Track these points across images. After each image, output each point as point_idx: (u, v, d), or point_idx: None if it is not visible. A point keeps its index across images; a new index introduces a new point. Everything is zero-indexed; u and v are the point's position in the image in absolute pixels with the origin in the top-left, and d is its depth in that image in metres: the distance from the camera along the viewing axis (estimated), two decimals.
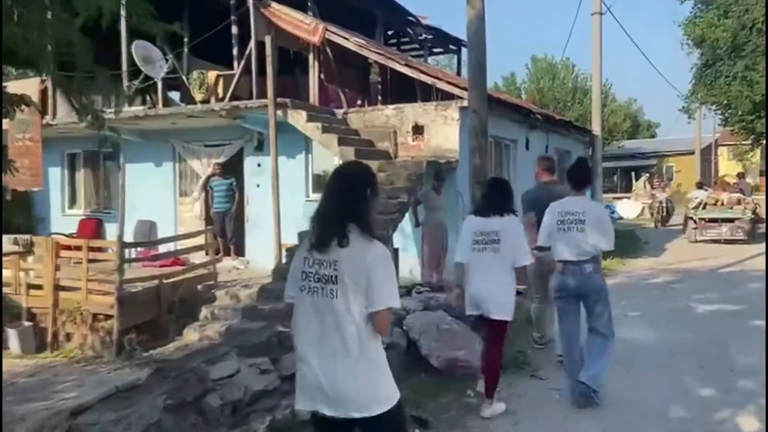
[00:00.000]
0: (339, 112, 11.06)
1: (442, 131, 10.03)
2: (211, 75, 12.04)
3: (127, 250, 12.45)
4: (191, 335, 9.32)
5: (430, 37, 16.78)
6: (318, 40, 11.11)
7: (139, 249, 12.26)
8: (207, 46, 12.86)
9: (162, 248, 12.00)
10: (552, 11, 52.37)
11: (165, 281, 9.59)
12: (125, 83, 11.38)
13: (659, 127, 54.42)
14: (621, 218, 25.17)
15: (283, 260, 8.73)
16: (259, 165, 11.71)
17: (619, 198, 31.01)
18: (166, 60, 11.86)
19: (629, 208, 27.24)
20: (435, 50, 18.36)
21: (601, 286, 4.90)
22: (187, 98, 12.34)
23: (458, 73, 18.39)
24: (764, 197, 17.71)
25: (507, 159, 12.38)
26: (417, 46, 17.50)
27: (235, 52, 12.07)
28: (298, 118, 10.02)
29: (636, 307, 8.30)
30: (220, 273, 11.13)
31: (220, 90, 11.73)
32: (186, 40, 13.51)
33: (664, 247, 15.60)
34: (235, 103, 10.56)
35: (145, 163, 12.98)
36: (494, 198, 4.78)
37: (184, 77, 13.10)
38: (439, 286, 7.67)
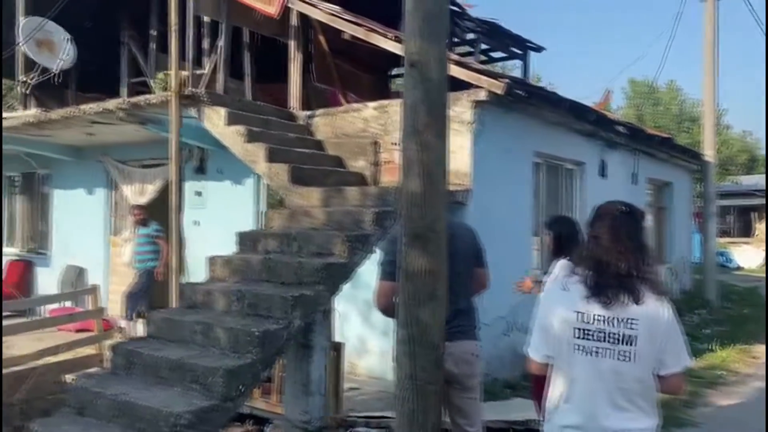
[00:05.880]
0: (301, 115, 7.38)
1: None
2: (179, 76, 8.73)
3: (39, 308, 9.43)
4: None
5: (481, 33, 12.76)
6: (276, 10, 7.55)
7: (50, 306, 9.06)
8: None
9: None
10: (649, 27, 45.97)
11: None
12: (20, 77, 8.28)
13: None
14: (739, 268, 20.12)
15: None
16: (198, 194, 8.22)
17: (735, 243, 25.43)
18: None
19: (749, 255, 22.17)
20: (491, 53, 14.23)
21: None
22: None
23: None
24: None
25: (569, 191, 8.17)
26: (470, 49, 13.58)
27: (205, 45, 8.72)
28: (215, 119, 6.41)
29: None
30: None
31: None
32: (154, 33, 10.49)
33: None
34: (133, 99, 7.12)
35: (77, 189, 9.84)
36: None
37: (149, 80, 10.00)
38: None
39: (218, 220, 7.98)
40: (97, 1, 9.73)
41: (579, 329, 2.26)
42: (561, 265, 4.25)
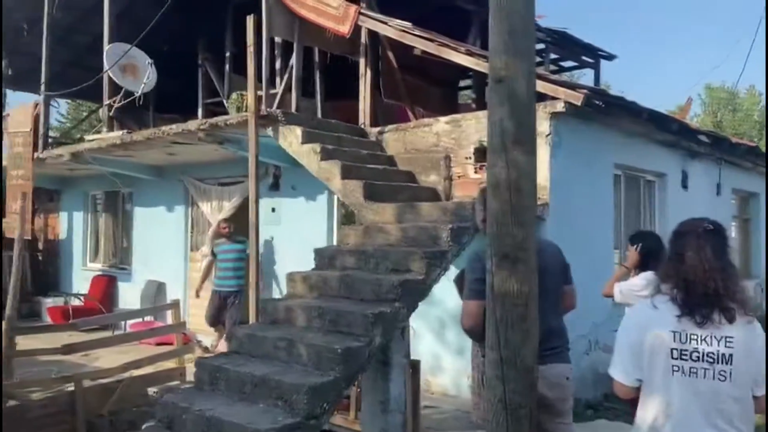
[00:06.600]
0: (372, 131, 7.43)
1: None
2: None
3: (123, 323, 9.78)
4: None
5: (551, 43, 12.53)
6: (348, 29, 7.64)
7: (132, 321, 9.41)
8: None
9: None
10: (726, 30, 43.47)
11: (90, 382, 6.37)
12: (105, 100, 8.69)
13: None
14: None
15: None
16: (273, 210, 8.37)
17: None
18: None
19: None
20: (561, 63, 13.96)
21: None
22: None
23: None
24: None
25: (650, 204, 7.88)
26: (539, 59, 13.36)
27: (278, 65, 8.95)
28: (290, 138, 6.53)
29: None
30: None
31: None
32: (228, 55, 10.86)
33: None
34: (212, 120, 7.34)
35: (157, 206, 10.22)
36: None
37: (224, 101, 10.34)
38: None
39: (292, 236, 8.12)
40: (174, 26, 10.14)
41: (676, 349, 2.19)
42: (646, 277, 4.14)
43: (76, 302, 10.93)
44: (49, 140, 10.33)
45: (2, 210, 10.52)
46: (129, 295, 10.49)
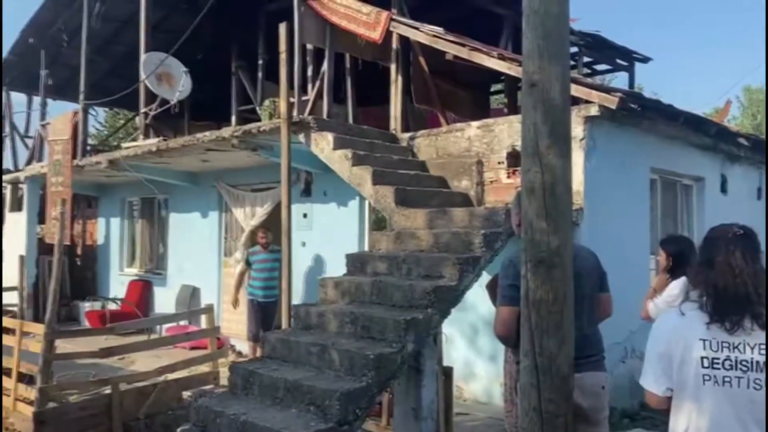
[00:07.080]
0: (404, 137, 7.42)
1: None
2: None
3: (158, 326, 9.94)
4: None
5: (585, 46, 12.38)
6: (380, 35, 7.66)
7: (167, 325, 9.56)
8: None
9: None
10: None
11: (127, 385, 6.48)
12: (141, 108, 8.86)
13: None
14: None
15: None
16: (305, 215, 8.43)
17: None
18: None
19: None
20: (595, 66, 13.78)
21: None
22: None
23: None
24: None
25: (685, 209, 7.71)
26: (572, 62, 13.21)
27: (309, 72, 9.02)
28: (322, 144, 6.56)
29: None
30: None
31: None
32: (261, 62, 11.00)
33: None
34: (245, 127, 7.42)
35: (192, 212, 10.37)
36: None
37: (257, 108, 10.47)
38: None
39: (324, 242, 8.16)
40: (208, 35, 10.31)
41: (706, 358, 2.14)
42: (678, 286, 4.03)
43: (113, 306, 11.15)
44: (88, 148, 10.57)
45: (42, 216, 10.82)
46: (164, 300, 10.66)
